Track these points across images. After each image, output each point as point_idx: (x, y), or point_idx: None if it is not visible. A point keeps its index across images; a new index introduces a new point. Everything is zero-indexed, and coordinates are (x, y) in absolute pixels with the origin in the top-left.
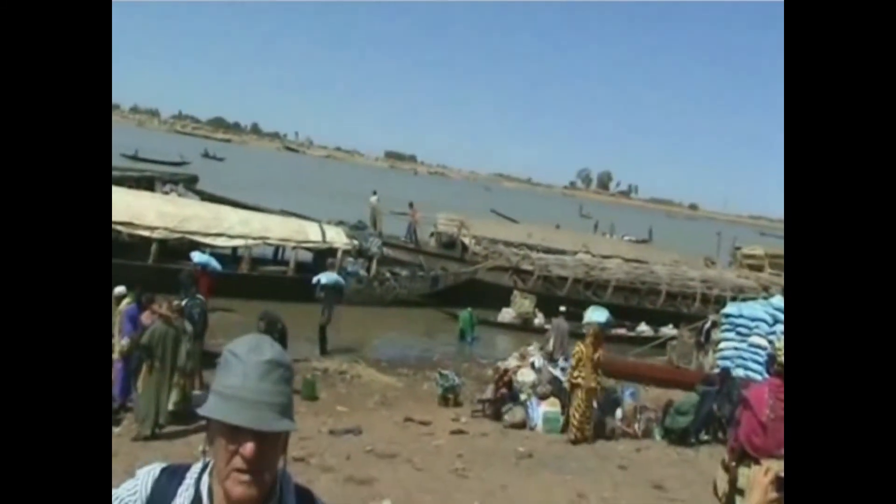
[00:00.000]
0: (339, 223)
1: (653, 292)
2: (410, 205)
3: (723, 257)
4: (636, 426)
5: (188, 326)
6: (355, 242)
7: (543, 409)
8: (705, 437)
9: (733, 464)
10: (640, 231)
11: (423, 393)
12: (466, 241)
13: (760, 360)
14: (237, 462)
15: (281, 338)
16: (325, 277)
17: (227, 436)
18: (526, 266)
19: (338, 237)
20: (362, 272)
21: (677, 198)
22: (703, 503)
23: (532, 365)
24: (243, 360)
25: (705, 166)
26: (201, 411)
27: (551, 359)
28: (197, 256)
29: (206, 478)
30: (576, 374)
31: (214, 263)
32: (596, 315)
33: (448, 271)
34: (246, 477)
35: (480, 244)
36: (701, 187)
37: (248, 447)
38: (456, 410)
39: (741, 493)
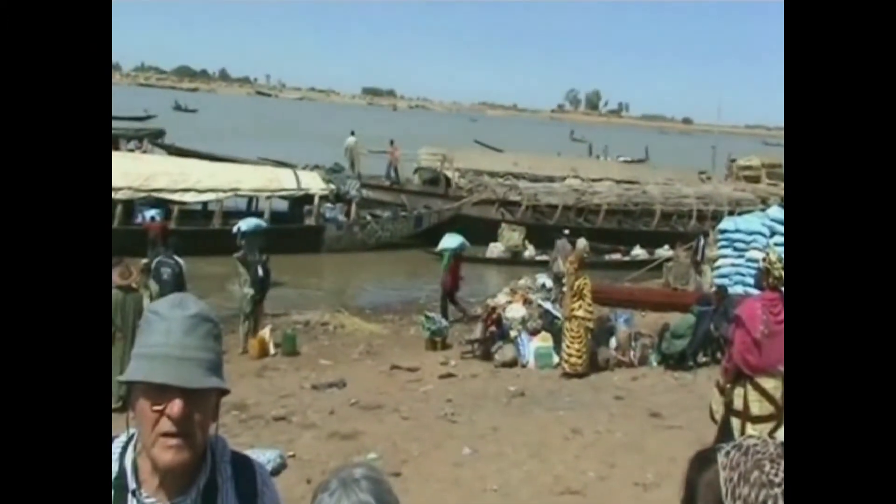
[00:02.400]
0: (315, 167)
1: (646, 213)
2: (391, 142)
3: (719, 171)
4: (632, 354)
5: (153, 286)
6: (332, 187)
7: (535, 345)
8: (703, 360)
9: (728, 385)
10: (634, 151)
11: (409, 338)
12: (450, 175)
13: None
14: (164, 425)
15: (265, 274)
16: (244, 224)
17: (153, 398)
18: (513, 197)
19: (314, 182)
20: (341, 217)
21: (670, 113)
22: (700, 428)
23: (543, 286)
24: (166, 317)
25: (696, 78)
26: (122, 378)
27: (558, 280)
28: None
29: (130, 450)
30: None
31: (156, 213)
32: (449, 241)
33: (432, 209)
34: (175, 441)
35: (465, 177)
36: (693, 100)
37: (176, 406)
38: (444, 354)
39: (737, 414)
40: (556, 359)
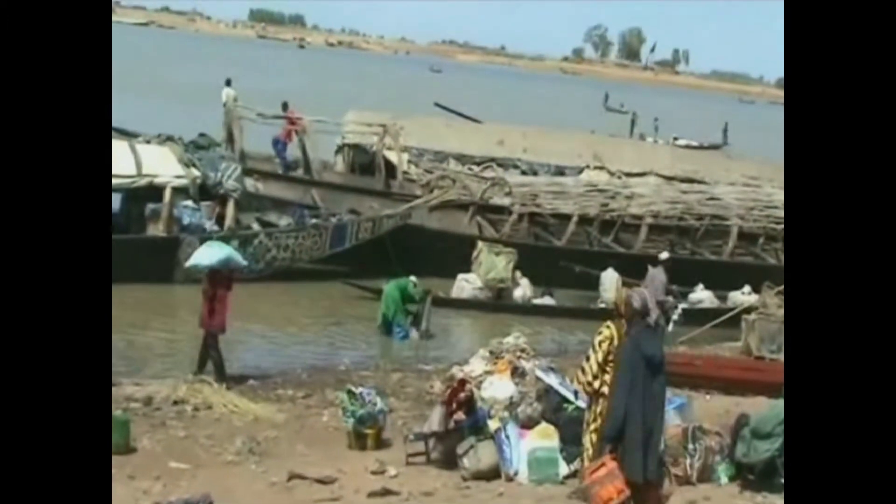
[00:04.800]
0: (168, 140)
1: (716, 233)
2: (284, 106)
3: None
4: (688, 462)
5: None
6: (196, 173)
7: (529, 445)
8: None
9: None
10: (702, 129)
11: (321, 429)
12: (394, 159)
13: None
14: None
15: None
16: None
17: None
18: (498, 199)
19: (163, 165)
20: (210, 224)
21: (756, 70)
22: None
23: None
24: None
25: None
26: None
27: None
28: None
29: None
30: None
31: None
32: (203, 256)
33: (362, 215)
34: None
35: (419, 164)
36: None
37: None
38: (378, 455)
39: None
40: (563, 468)
